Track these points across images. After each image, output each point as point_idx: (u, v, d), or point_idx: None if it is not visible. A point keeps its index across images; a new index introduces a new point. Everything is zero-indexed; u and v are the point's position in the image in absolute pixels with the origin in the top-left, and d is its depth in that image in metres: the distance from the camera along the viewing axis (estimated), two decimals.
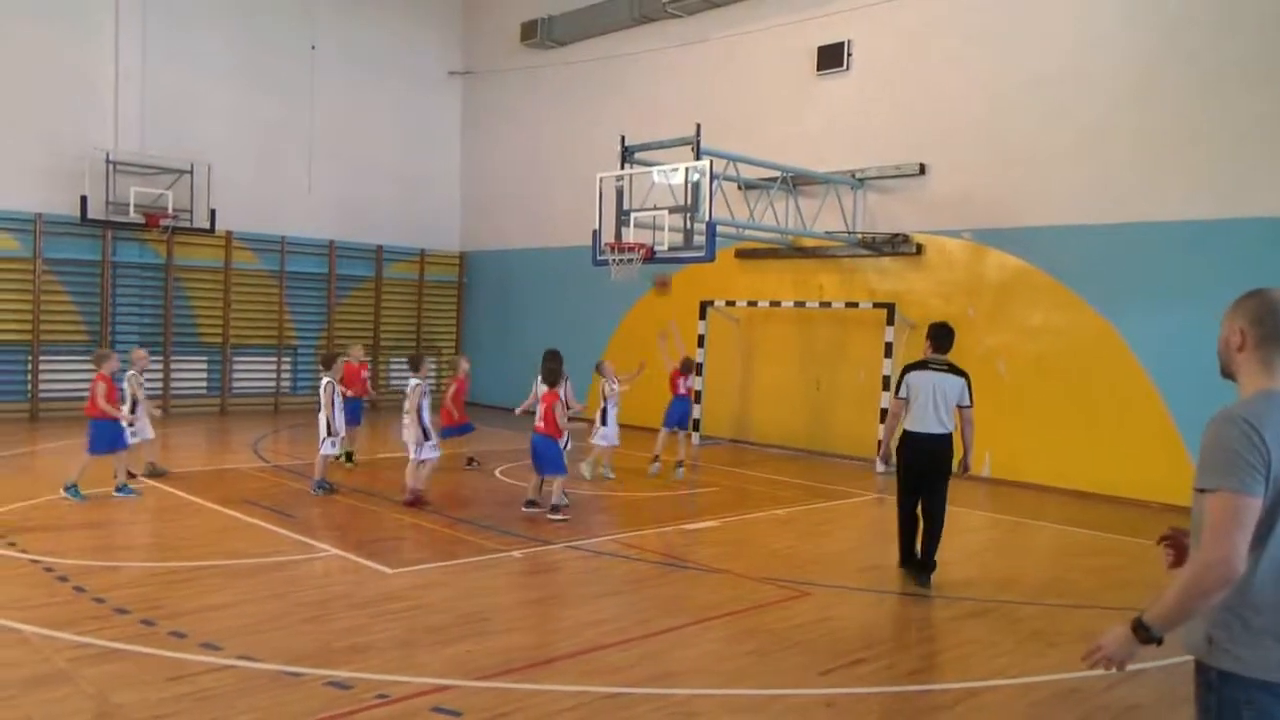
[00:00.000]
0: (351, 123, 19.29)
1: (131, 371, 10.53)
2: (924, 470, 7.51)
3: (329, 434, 10.13)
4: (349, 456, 11.84)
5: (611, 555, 8.12)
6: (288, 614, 6.15)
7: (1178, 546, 2.90)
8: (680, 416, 12.14)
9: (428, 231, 20.76)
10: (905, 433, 7.58)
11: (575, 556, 8.03)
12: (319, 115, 18.80)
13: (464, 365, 12.44)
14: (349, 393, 11.42)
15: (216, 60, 17.52)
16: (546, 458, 9.40)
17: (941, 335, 7.68)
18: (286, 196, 18.46)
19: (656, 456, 12.02)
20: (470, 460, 12.15)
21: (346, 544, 8.02)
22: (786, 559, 8.31)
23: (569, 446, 10.43)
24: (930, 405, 7.40)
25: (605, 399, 11.48)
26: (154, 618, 5.87)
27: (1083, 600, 7.31)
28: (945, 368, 7.54)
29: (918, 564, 7.63)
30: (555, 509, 9.23)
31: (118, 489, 9.56)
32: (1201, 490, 2.55)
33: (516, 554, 7.96)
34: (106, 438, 9.50)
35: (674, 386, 12.16)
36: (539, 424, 9.42)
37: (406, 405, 9.92)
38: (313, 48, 18.64)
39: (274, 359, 18.51)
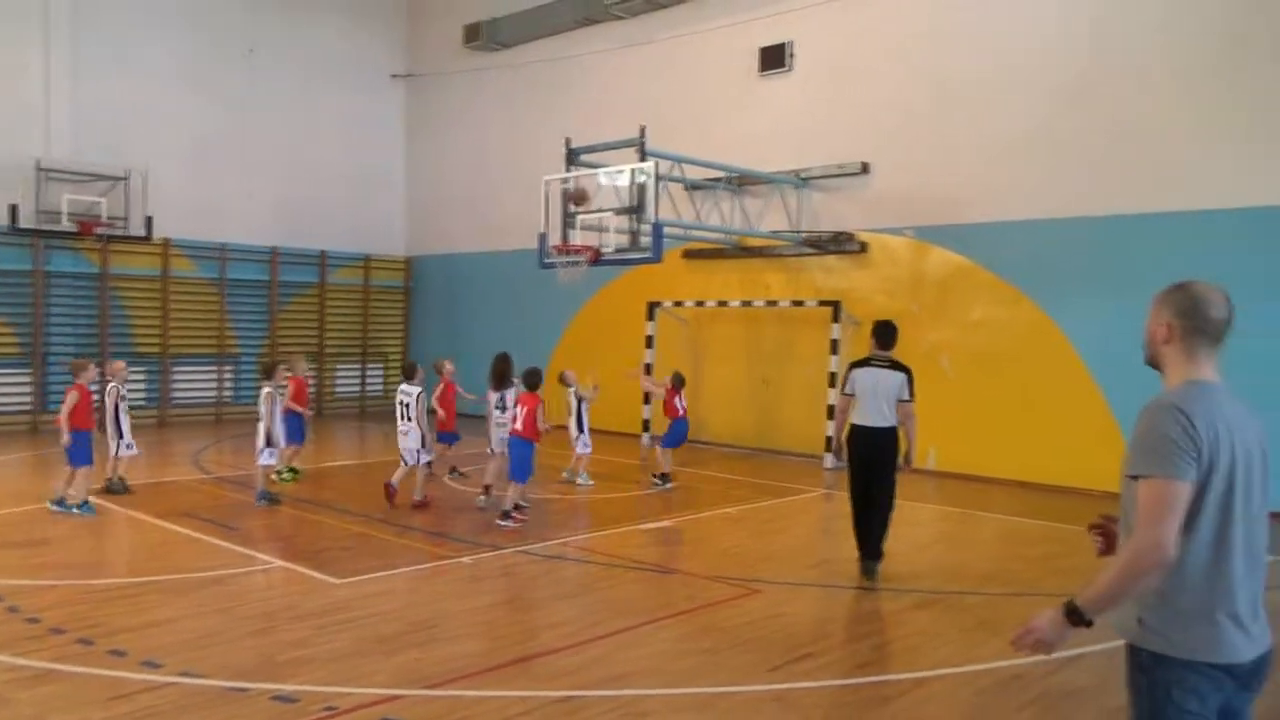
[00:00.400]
0: (293, 127, 18.98)
1: (112, 384, 10.28)
2: (870, 461, 7.73)
3: (268, 444, 9.94)
4: (293, 472, 11.28)
5: (563, 558, 8.09)
6: (231, 628, 6.03)
7: (1107, 534, 2.97)
8: (681, 437, 11.71)
9: (373, 237, 20.51)
10: (852, 426, 7.83)
11: (526, 561, 7.99)
12: (259, 120, 18.47)
13: (449, 367, 11.94)
14: (298, 408, 11.16)
15: (152, 64, 17.11)
16: (514, 460, 9.30)
17: (884, 333, 7.95)
18: (226, 203, 18.10)
19: (665, 474, 11.51)
20: (428, 464, 11.89)
21: (291, 555, 7.90)
22: (738, 557, 8.36)
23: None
24: (873, 400, 7.67)
25: (575, 408, 11.44)
26: (92, 636, 5.72)
27: (1026, 589, 7.46)
28: (887, 364, 7.81)
29: (868, 554, 7.78)
30: (505, 515, 9.16)
31: (56, 502, 9.30)
32: (1134, 477, 2.61)
33: (466, 560, 7.90)
34: (86, 449, 9.35)
35: (672, 408, 11.63)
36: (516, 427, 9.29)
37: (409, 414, 9.93)
38: (251, 51, 18.33)
39: (215, 368, 18.16)
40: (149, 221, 16.46)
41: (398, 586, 7.13)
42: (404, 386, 10.16)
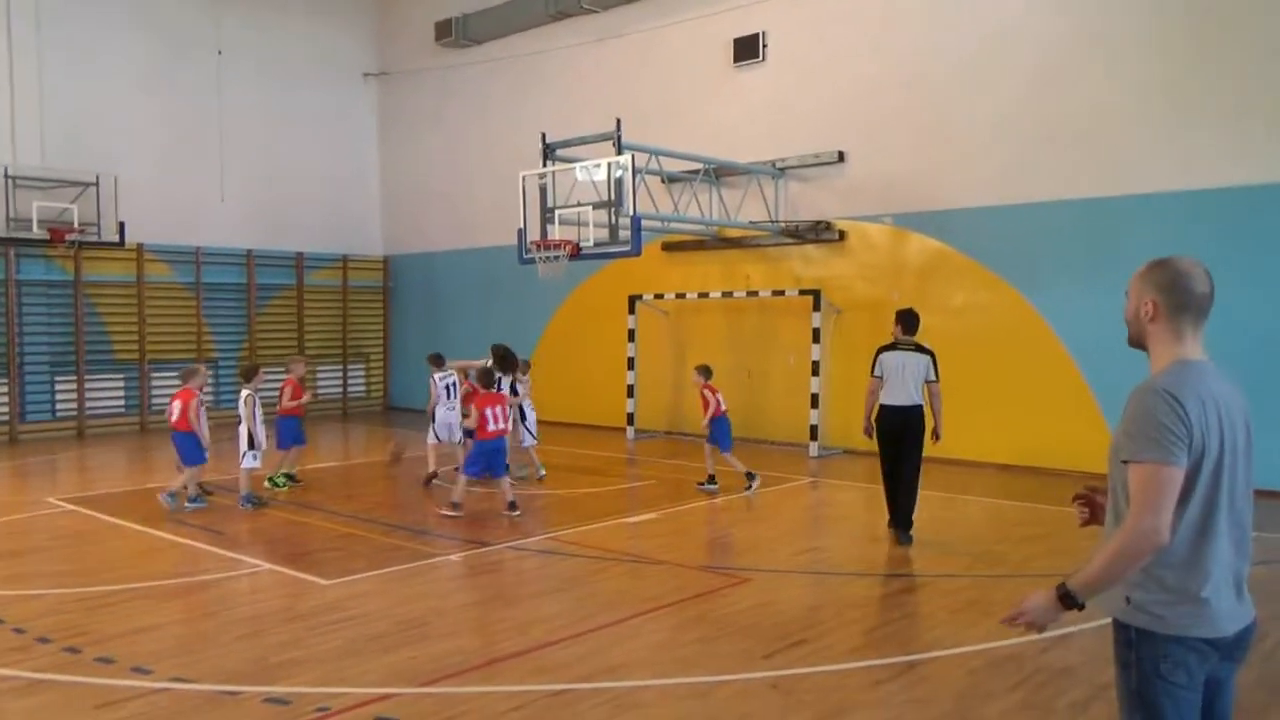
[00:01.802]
0: (264, 129, 18.81)
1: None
2: (898, 437, 8.36)
3: (251, 447, 9.91)
4: (289, 479, 11.12)
5: (551, 553, 8.09)
6: (221, 632, 5.99)
7: (1092, 504, 2.99)
8: (726, 433, 10.83)
9: (349, 237, 20.39)
10: (881, 406, 8.45)
11: (514, 556, 7.98)
12: (229, 122, 18.29)
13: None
14: (295, 407, 11.16)
15: (118, 68, 16.91)
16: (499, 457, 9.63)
17: (909, 319, 8.61)
18: (199, 206, 17.94)
19: (750, 474, 10.88)
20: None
21: (279, 558, 7.84)
22: (726, 546, 8.39)
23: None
24: (901, 381, 8.32)
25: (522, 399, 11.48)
26: (79, 645, 5.66)
27: (1014, 570, 7.52)
28: (912, 347, 8.47)
29: (900, 523, 8.47)
30: (513, 506, 9.43)
31: (191, 499, 9.80)
32: (1126, 461, 2.61)
33: (454, 557, 7.89)
34: (195, 450, 9.86)
35: (717, 405, 10.69)
36: (503, 426, 9.54)
37: (454, 393, 11.24)
38: (219, 53, 18.14)
39: None
40: (121, 227, 16.26)
41: (387, 586, 7.09)
42: (440, 374, 11.30)
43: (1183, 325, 2.71)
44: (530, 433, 11.52)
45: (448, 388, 11.30)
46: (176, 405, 9.85)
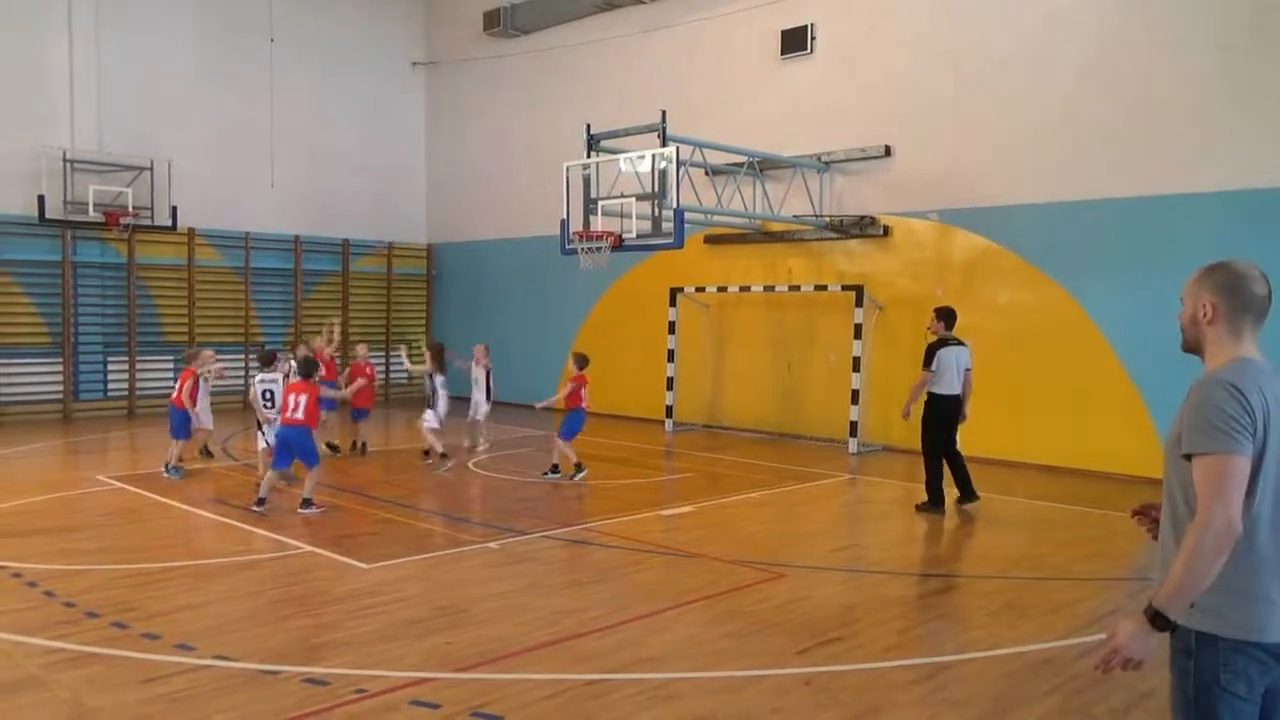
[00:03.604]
0: (314, 116, 19.07)
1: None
2: (953, 421, 9.52)
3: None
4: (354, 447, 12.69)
5: (586, 544, 8.13)
6: (262, 612, 6.11)
7: (1152, 519, 2.94)
8: (580, 426, 10.92)
9: (395, 224, 20.60)
10: (940, 396, 9.42)
11: (551, 546, 8.03)
12: (280, 109, 18.56)
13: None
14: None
15: (174, 55, 17.23)
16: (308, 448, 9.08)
17: (950, 316, 9.68)
18: (249, 192, 18.23)
19: (556, 466, 10.95)
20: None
21: (320, 541, 7.97)
22: (762, 541, 8.37)
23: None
24: (954, 372, 9.41)
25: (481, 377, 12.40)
26: (126, 620, 5.81)
27: (1053, 573, 7.41)
28: (957, 342, 9.55)
29: (962, 497, 9.61)
30: (306, 503, 8.96)
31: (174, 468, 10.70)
32: (1190, 455, 2.56)
33: (493, 545, 7.95)
34: (184, 425, 10.98)
35: (578, 397, 10.79)
36: (299, 415, 8.89)
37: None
38: (271, 40, 18.39)
39: (241, 356, 18.30)
40: (174, 211, 16.61)
41: (425, 571, 7.18)
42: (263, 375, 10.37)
43: (1242, 327, 2.70)
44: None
45: (263, 394, 10.13)
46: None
